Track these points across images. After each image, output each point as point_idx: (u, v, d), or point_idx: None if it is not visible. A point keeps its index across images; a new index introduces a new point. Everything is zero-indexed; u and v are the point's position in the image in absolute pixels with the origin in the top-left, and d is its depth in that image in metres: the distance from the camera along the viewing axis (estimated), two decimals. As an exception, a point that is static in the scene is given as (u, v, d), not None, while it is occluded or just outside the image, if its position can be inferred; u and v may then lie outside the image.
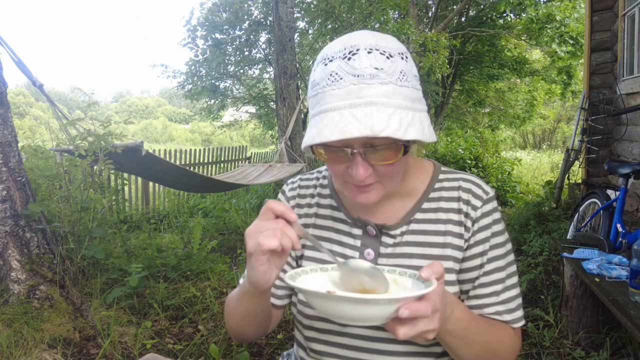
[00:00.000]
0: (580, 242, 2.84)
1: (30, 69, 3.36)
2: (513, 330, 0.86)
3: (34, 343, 2.38)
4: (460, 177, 0.89)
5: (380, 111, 0.67)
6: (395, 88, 0.70)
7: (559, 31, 8.74)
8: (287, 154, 6.02)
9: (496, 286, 0.84)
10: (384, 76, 0.69)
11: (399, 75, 0.71)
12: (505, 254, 0.86)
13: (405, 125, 0.68)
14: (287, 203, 0.98)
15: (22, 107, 38.77)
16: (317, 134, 0.69)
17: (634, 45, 4.20)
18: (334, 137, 0.67)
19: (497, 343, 0.81)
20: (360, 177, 0.73)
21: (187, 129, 37.21)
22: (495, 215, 0.86)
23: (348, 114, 0.68)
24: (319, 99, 0.72)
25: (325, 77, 0.71)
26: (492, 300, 0.84)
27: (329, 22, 9.33)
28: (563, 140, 19.45)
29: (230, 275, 3.55)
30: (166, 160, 4.17)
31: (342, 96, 0.69)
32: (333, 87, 0.70)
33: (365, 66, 0.69)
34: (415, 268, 0.84)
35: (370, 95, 0.68)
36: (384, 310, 0.60)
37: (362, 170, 0.73)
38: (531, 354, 2.48)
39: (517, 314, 0.85)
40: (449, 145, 8.85)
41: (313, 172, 1.01)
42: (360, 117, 0.67)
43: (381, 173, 0.76)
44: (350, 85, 0.69)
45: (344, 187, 0.81)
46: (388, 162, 0.73)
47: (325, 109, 0.70)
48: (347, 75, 0.69)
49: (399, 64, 0.71)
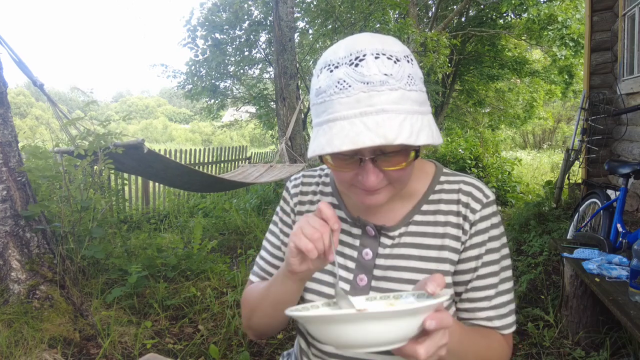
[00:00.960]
0: (580, 242, 2.84)
1: (31, 68, 3.36)
2: (503, 337, 0.85)
3: (34, 343, 2.38)
4: (462, 179, 0.89)
5: (392, 118, 0.67)
6: (404, 93, 0.69)
7: (560, 33, 8.73)
8: (288, 154, 6.02)
9: (489, 291, 0.84)
10: (393, 82, 0.68)
11: (407, 80, 0.70)
12: (499, 259, 0.85)
13: (416, 130, 0.68)
14: (290, 199, 0.99)
15: (22, 107, 38.78)
16: (328, 144, 0.68)
17: (634, 45, 4.20)
18: (345, 146, 0.66)
19: (488, 352, 0.81)
20: (372, 184, 0.73)
21: (187, 129, 37.21)
22: (493, 220, 0.86)
23: (359, 122, 0.67)
24: (326, 107, 0.71)
25: (332, 84, 0.70)
26: (484, 305, 0.84)
27: (329, 22, 9.33)
28: (563, 140, 19.44)
29: (230, 275, 3.55)
30: (167, 158, 4.16)
31: (351, 104, 0.68)
32: (341, 95, 0.69)
33: (374, 72, 0.68)
34: (411, 269, 0.84)
35: (381, 102, 0.67)
36: (410, 325, 0.56)
37: (374, 177, 0.73)
38: (531, 354, 2.48)
39: (509, 320, 0.85)
40: (449, 145, 8.85)
41: (316, 170, 1.02)
42: (371, 126, 0.66)
43: (392, 177, 0.76)
44: (360, 93, 0.68)
45: (350, 190, 0.81)
46: (399, 167, 0.73)
47: (335, 117, 0.69)
48: (355, 82, 0.68)
49: (406, 68, 0.71)
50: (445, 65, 8.96)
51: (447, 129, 13.77)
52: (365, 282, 0.86)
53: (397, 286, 0.84)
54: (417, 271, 0.84)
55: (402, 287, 0.83)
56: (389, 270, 0.85)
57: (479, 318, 0.84)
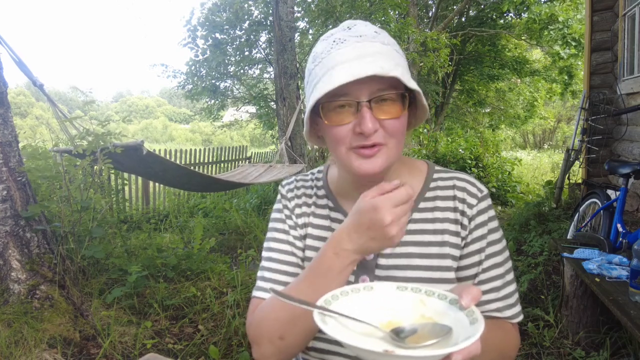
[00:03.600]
0: (580, 242, 2.84)
1: (31, 68, 3.36)
2: (512, 325, 0.87)
3: (34, 343, 2.38)
4: (454, 176, 0.90)
5: (386, 59, 0.74)
6: (394, 51, 0.77)
7: (562, 32, 8.74)
8: (288, 154, 6.02)
9: (495, 282, 0.85)
10: (384, 38, 0.77)
11: (393, 44, 0.79)
12: (502, 250, 0.87)
13: (407, 77, 0.75)
14: (287, 202, 0.97)
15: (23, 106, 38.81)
16: (328, 82, 0.72)
17: (634, 45, 4.20)
18: (346, 78, 0.71)
19: (505, 344, 0.83)
20: (369, 129, 0.75)
21: (187, 129, 37.24)
22: (490, 213, 0.87)
23: (357, 63, 0.73)
24: (324, 63, 0.76)
25: (328, 45, 0.77)
26: (492, 297, 0.85)
27: (329, 22, 9.33)
28: (563, 140, 19.45)
29: (231, 275, 3.54)
30: (167, 159, 4.17)
31: (348, 53, 0.75)
32: (338, 48, 0.76)
33: (367, 30, 0.77)
34: (414, 267, 0.84)
35: (375, 48, 0.75)
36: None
37: (371, 123, 0.75)
38: (531, 354, 2.48)
39: (517, 309, 0.86)
40: (450, 145, 8.84)
41: (307, 174, 1.01)
42: (368, 61, 0.72)
43: (388, 130, 0.77)
44: (355, 43, 0.75)
45: (348, 156, 0.79)
46: (393, 116, 0.76)
47: (333, 64, 0.74)
48: (350, 37, 0.76)
49: (393, 45, 0.79)
50: (445, 63, 8.95)
51: (447, 129, 13.77)
52: (367, 282, 0.86)
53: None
54: (420, 269, 0.84)
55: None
56: (392, 270, 0.85)
57: (489, 310, 0.85)
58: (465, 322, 0.60)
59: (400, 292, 0.69)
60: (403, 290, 0.71)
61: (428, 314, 0.66)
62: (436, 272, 0.84)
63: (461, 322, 0.60)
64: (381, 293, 0.70)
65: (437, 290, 0.68)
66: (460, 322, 0.60)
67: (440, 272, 0.84)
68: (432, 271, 0.84)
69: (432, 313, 0.66)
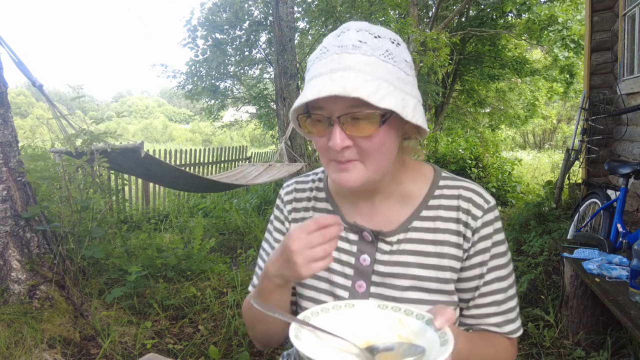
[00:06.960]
0: (580, 242, 2.84)
1: (31, 69, 3.35)
2: (509, 340, 0.86)
3: (34, 343, 2.38)
4: (461, 185, 0.87)
5: (357, 76, 0.69)
6: (377, 61, 0.72)
7: (561, 34, 8.72)
8: (287, 154, 6.02)
9: (497, 296, 0.84)
10: (367, 49, 0.72)
11: (383, 52, 0.73)
12: (506, 264, 0.85)
13: (382, 94, 0.69)
14: (283, 207, 0.97)
15: (23, 107, 38.82)
16: (303, 96, 0.72)
17: (634, 45, 4.20)
18: (312, 96, 0.69)
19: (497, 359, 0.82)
20: (337, 146, 0.72)
21: (187, 129, 37.23)
22: (496, 225, 0.85)
23: (328, 78, 0.70)
24: (310, 72, 0.76)
25: (317, 53, 0.76)
26: (492, 310, 0.84)
27: (329, 22, 9.33)
28: (563, 140, 19.44)
29: (230, 275, 3.54)
30: (164, 162, 4.18)
31: (324, 65, 0.72)
32: (320, 59, 0.74)
33: (353, 38, 0.73)
34: (411, 277, 0.83)
35: (350, 61, 0.71)
36: None
37: (339, 139, 0.72)
38: (531, 354, 2.48)
39: (517, 324, 0.85)
40: (450, 145, 8.84)
41: (309, 175, 1.00)
42: (336, 79, 0.69)
43: (361, 148, 0.75)
44: (333, 55, 0.73)
45: (328, 167, 0.80)
46: (364, 134, 0.73)
47: (312, 76, 0.74)
48: (333, 47, 0.74)
49: (387, 44, 0.74)
50: (446, 62, 8.94)
51: (447, 129, 13.77)
52: (364, 288, 0.85)
53: (397, 293, 0.82)
54: (417, 279, 0.82)
55: (402, 294, 0.82)
56: (389, 278, 0.84)
57: (487, 324, 0.84)
58: (437, 343, 0.62)
59: (380, 311, 0.71)
60: (384, 308, 0.72)
61: (405, 334, 0.68)
62: (434, 282, 0.82)
63: (434, 343, 0.62)
64: (362, 311, 0.72)
65: (415, 310, 0.71)
66: (433, 343, 0.63)
67: (437, 283, 0.82)
68: (430, 282, 0.82)
69: (409, 333, 0.68)
